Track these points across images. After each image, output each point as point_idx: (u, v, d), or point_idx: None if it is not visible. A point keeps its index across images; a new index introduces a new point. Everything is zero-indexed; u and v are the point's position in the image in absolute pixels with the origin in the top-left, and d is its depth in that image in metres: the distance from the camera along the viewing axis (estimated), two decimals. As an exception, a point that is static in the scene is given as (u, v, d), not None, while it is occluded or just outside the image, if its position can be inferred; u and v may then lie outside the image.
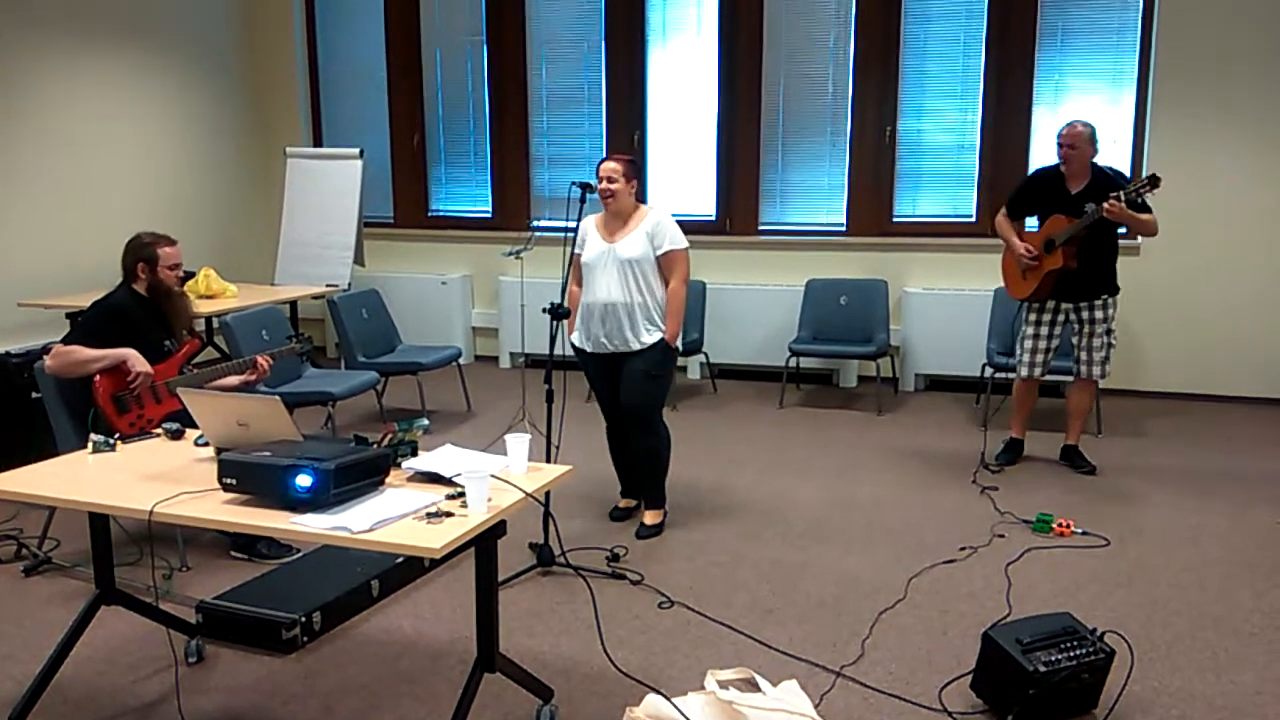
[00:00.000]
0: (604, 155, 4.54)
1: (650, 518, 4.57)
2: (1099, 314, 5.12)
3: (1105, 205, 4.77)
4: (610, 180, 4.34)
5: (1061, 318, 5.21)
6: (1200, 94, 6.53)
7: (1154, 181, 4.76)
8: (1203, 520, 4.66)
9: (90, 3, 6.85)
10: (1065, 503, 4.88)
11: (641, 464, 4.58)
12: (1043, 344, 5.24)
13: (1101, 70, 6.82)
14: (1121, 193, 4.79)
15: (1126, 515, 4.72)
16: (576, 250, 4.53)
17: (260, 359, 4.33)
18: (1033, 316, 5.25)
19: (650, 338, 4.40)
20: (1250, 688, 3.21)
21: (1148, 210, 4.96)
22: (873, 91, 7.19)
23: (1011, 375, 6.27)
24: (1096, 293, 5.10)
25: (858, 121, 7.25)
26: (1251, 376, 6.70)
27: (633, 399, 4.44)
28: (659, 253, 4.39)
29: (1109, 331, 5.16)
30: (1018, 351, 5.35)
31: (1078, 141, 4.99)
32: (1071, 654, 2.96)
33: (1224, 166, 6.53)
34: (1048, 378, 5.40)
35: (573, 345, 4.59)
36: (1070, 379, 5.38)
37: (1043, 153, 6.92)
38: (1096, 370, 5.20)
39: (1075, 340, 5.22)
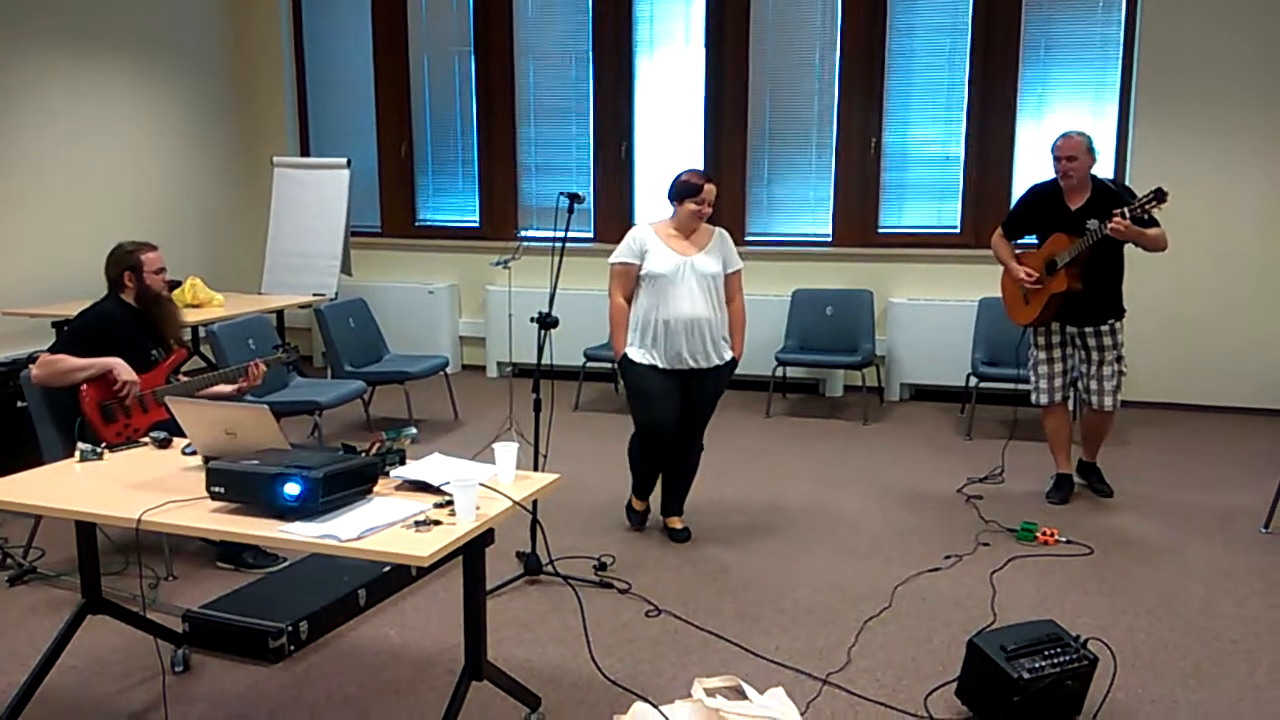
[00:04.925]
0: (699, 169, 4.46)
1: (682, 522, 4.63)
2: (1107, 340, 4.81)
3: (1111, 224, 4.45)
4: (710, 203, 4.36)
5: (1070, 340, 4.91)
6: (1183, 105, 6.60)
7: (1160, 196, 4.39)
8: (1186, 529, 4.70)
9: (76, 14, 6.84)
10: (1049, 511, 4.90)
11: (684, 473, 4.62)
12: (1058, 367, 4.92)
13: (1084, 82, 6.89)
14: (1126, 209, 4.45)
15: (1110, 524, 4.76)
16: (630, 260, 4.35)
17: (252, 366, 4.34)
18: (1041, 340, 4.93)
19: (727, 354, 4.44)
20: (1232, 695, 3.24)
21: (1155, 224, 4.61)
22: (858, 103, 7.23)
23: (998, 386, 6.35)
24: (1103, 317, 4.79)
25: (843, 133, 7.30)
26: (1235, 386, 6.75)
27: (704, 417, 4.51)
28: (729, 271, 4.45)
29: (1119, 359, 4.85)
30: (1032, 379, 4.99)
31: (1077, 151, 4.67)
32: (1055, 661, 2.99)
33: (1208, 176, 6.59)
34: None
35: (625, 361, 4.39)
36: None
37: (1027, 164, 6.98)
38: (1109, 401, 4.85)
39: (1085, 369, 4.90)
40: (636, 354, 4.38)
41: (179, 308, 4.69)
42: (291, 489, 2.57)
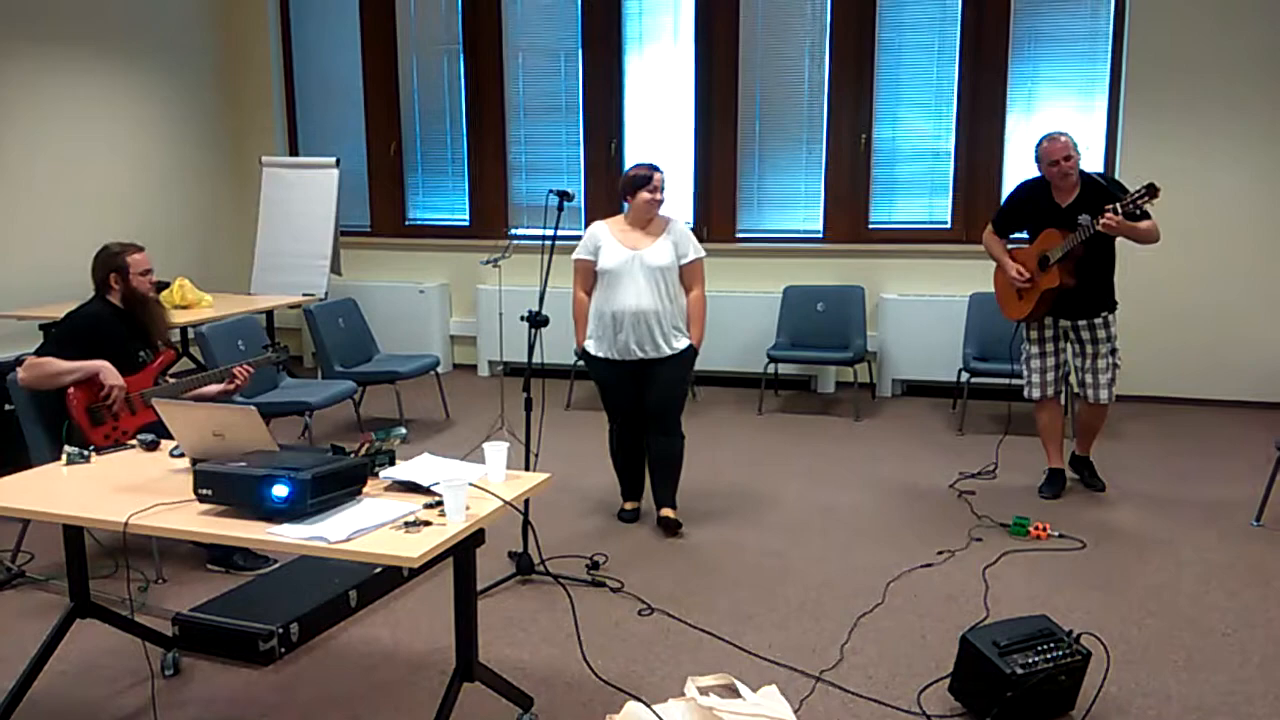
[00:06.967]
0: (645, 162, 4.52)
1: (674, 514, 4.63)
2: (1100, 333, 4.82)
3: (1102, 220, 4.42)
4: (661, 190, 4.42)
5: (1063, 333, 4.92)
6: (1172, 99, 6.60)
7: (1152, 191, 4.36)
8: (1178, 522, 4.70)
9: (64, 13, 6.80)
10: (1042, 506, 4.90)
11: (665, 465, 4.63)
12: (1050, 361, 4.93)
13: (1074, 76, 6.89)
14: (1118, 205, 4.42)
15: (1102, 518, 4.76)
16: (585, 256, 4.52)
17: (238, 369, 4.31)
18: (1034, 334, 4.94)
19: (680, 344, 4.49)
20: (1224, 688, 3.24)
21: (1146, 217, 4.56)
22: (848, 98, 7.23)
23: (990, 381, 6.35)
24: (1096, 310, 4.80)
25: (834, 128, 7.29)
26: (1226, 379, 6.76)
27: (663, 404, 4.52)
28: (684, 261, 4.49)
29: (1113, 351, 4.85)
30: (1025, 373, 4.99)
31: (1070, 151, 4.64)
32: (1048, 656, 2.98)
33: (1197, 170, 6.59)
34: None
35: (585, 354, 4.57)
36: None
37: (1017, 159, 6.97)
38: (1104, 394, 4.86)
39: (1079, 363, 4.91)
40: (593, 347, 4.54)
41: (166, 309, 4.67)
42: (279, 491, 2.56)
